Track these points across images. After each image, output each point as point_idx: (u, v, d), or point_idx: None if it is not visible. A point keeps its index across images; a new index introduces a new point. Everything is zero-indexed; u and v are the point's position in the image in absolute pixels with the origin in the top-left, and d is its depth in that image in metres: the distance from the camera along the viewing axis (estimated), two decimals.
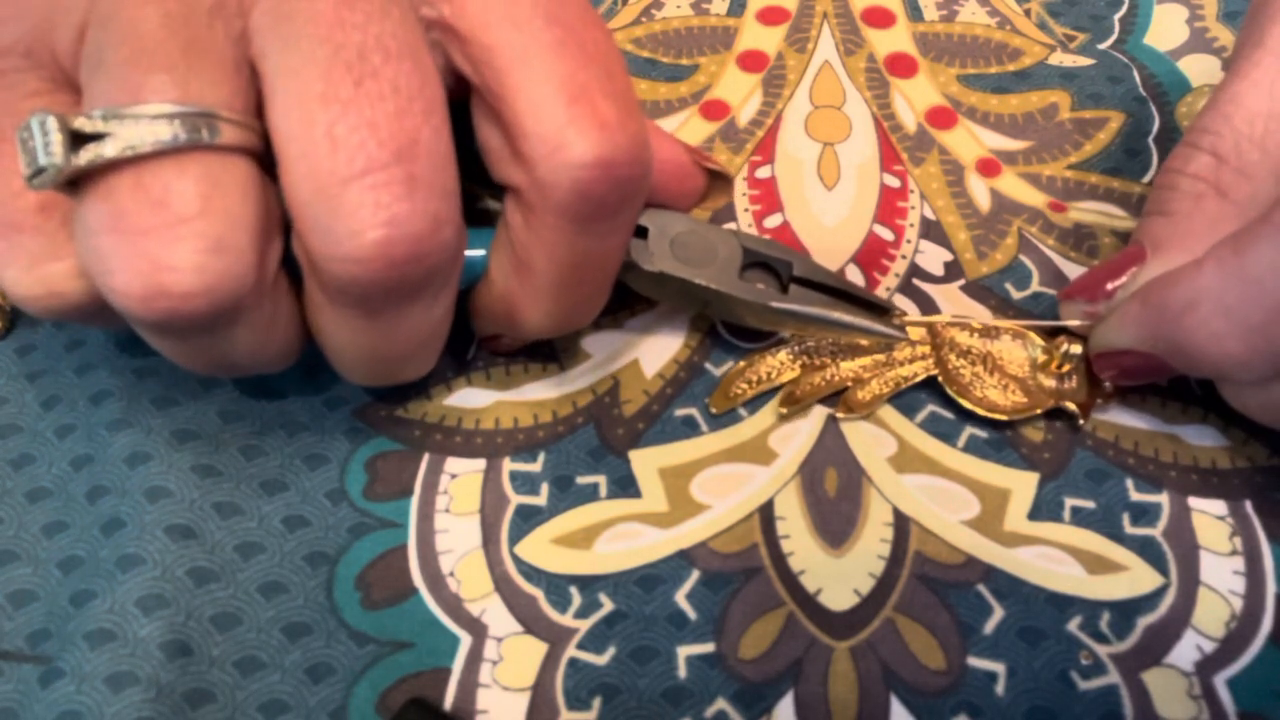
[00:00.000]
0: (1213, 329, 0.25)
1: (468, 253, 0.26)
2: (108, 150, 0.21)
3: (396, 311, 0.24)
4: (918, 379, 0.30)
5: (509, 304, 0.27)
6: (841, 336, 0.30)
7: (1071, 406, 0.29)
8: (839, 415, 0.29)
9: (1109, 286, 0.28)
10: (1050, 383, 0.29)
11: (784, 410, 0.29)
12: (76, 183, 0.21)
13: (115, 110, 0.21)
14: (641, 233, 0.29)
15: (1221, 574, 0.27)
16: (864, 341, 0.30)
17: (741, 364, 0.30)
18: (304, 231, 0.22)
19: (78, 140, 0.21)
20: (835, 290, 0.29)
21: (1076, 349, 0.29)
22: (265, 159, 0.23)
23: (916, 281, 0.32)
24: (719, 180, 0.30)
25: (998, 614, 0.26)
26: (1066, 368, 0.29)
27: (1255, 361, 0.25)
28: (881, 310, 0.30)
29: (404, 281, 0.23)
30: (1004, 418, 0.29)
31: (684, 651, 0.26)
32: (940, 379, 0.30)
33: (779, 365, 0.30)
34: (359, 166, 0.21)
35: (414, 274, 0.23)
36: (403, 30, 0.22)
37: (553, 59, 0.23)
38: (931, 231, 0.33)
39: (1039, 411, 0.29)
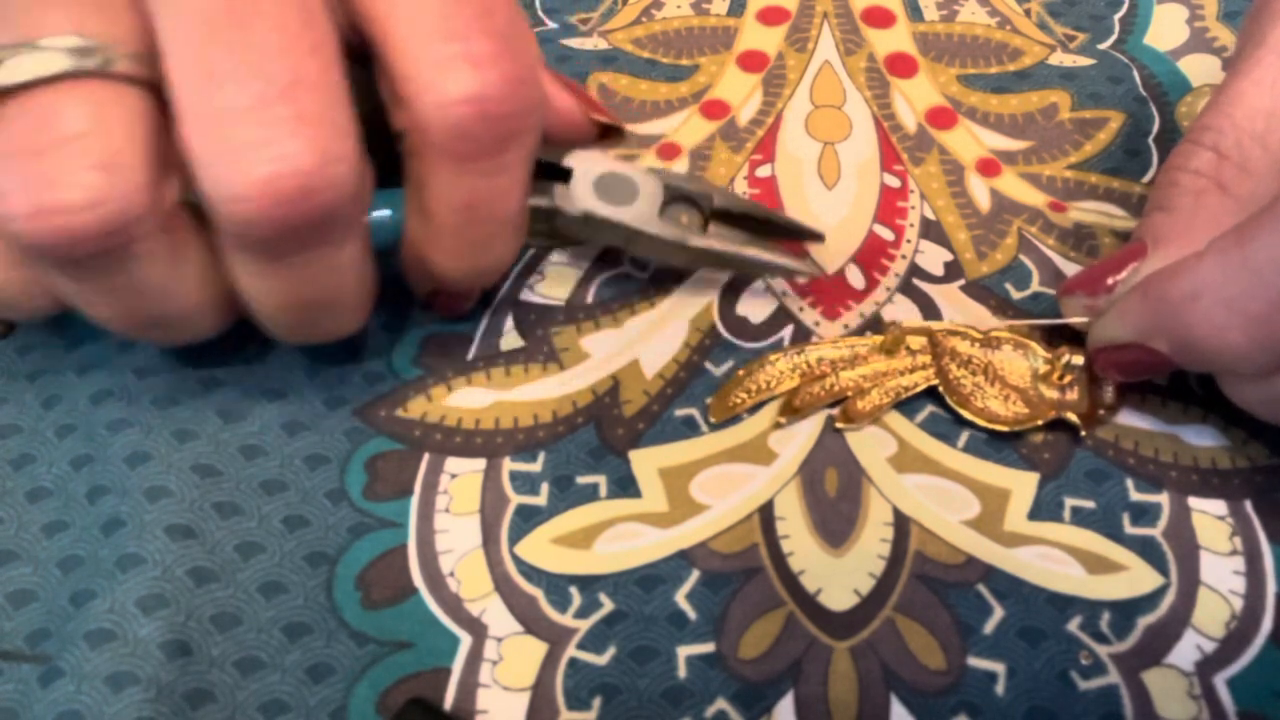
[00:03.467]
0: (1214, 320, 0.24)
1: (386, 211, 0.27)
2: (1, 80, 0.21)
3: (300, 256, 0.24)
4: (918, 389, 0.30)
5: (419, 252, 0.27)
6: (764, 274, 0.32)
7: (1073, 418, 0.29)
8: (839, 425, 0.29)
9: (1109, 281, 0.28)
10: (1052, 394, 0.29)
11: (782, 420, 0.29)
12: None
13: (8, 45, 0.22)
14: (566, 175, 0.29)
15: (1221, 574, 0.27)
16: (861, 349, 0.30)
17: (740, 372, 0.30)
18: (197, 175, 0.22)
19: None
20: (760, 221, 0.30)
21: (1078, 359, 0.29)
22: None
23: (916, 281, 0.32)
24: (612, 132, 0.31)
25: (998, 614, 0.26)
26: (1068, 378, 0.29)
27: (1256, 353, 0.24)
28: (812, 235, 0.31)
29: (298, 221, 0.23)
30: (1005, 429, 0.29)
31: (684, 651, 0.26)
32: (941, 389, 0.29)
33: (778, 375, 0.30)
34: (243, 103, 0.21)
35: (307, 212, 0.22)
36: None
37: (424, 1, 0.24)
38: (931, 231, 0.33)
39: (1040, 423, 0.29)
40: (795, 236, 0.31)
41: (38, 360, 0.31)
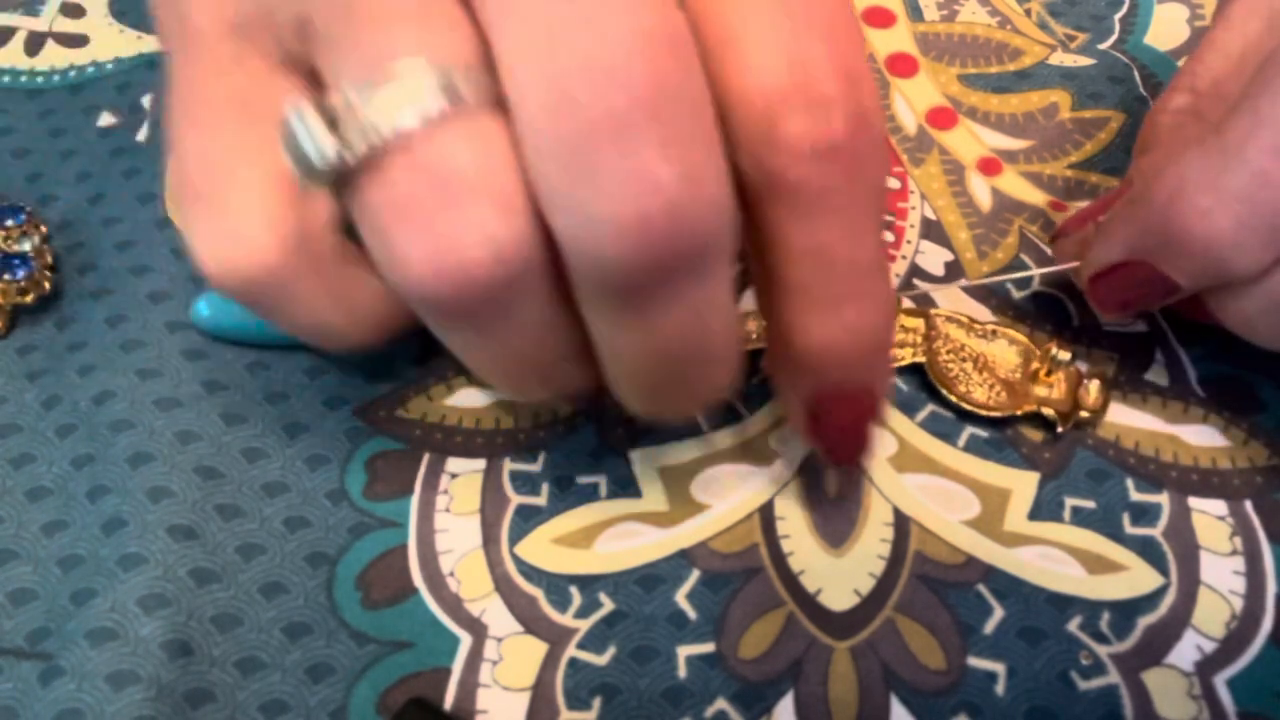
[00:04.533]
0: (1198, 206, 0.24)
1: None
2: (382, 130, 0.19)
3: (666, 300, 0.20)
4: (903, 362, 0.30)
5: (788, 321, 0.23)
6: None
7: (1049, 412, 0.29)
8: None
9: (1099, 220, 0.28)
10: (1039, 390, 0.29)
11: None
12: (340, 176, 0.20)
13: (370, 83, 0.19)
14: None
15: (1222, 574, 0.27)
16: None
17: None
18: (548, 211, 0.19)
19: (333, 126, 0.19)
20: None
21: (1065, 355, 0.29)
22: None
23: (917, 281, 0.32)
24: None
25: (998, 614, 0.26)
26: (1056, 375, 0.29)
27: (1244, 237, 0.24)
28: None
29: (669, 259, 0.19)
30: (982, 413, 0.29)
31: (684, 651, 0.26)
32: (926, 369, 0.30)
33: (760, 327, 0.29)
34: (600, 121, 0.18)
35: (678, 247, 0.19)
36: None
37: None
38: (932, 231, 0.33)
39: (1018, 412, 0.29)
40: None
41: (38, 360, 0.31)
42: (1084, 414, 0.29)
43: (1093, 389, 0.29)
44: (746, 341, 0.29)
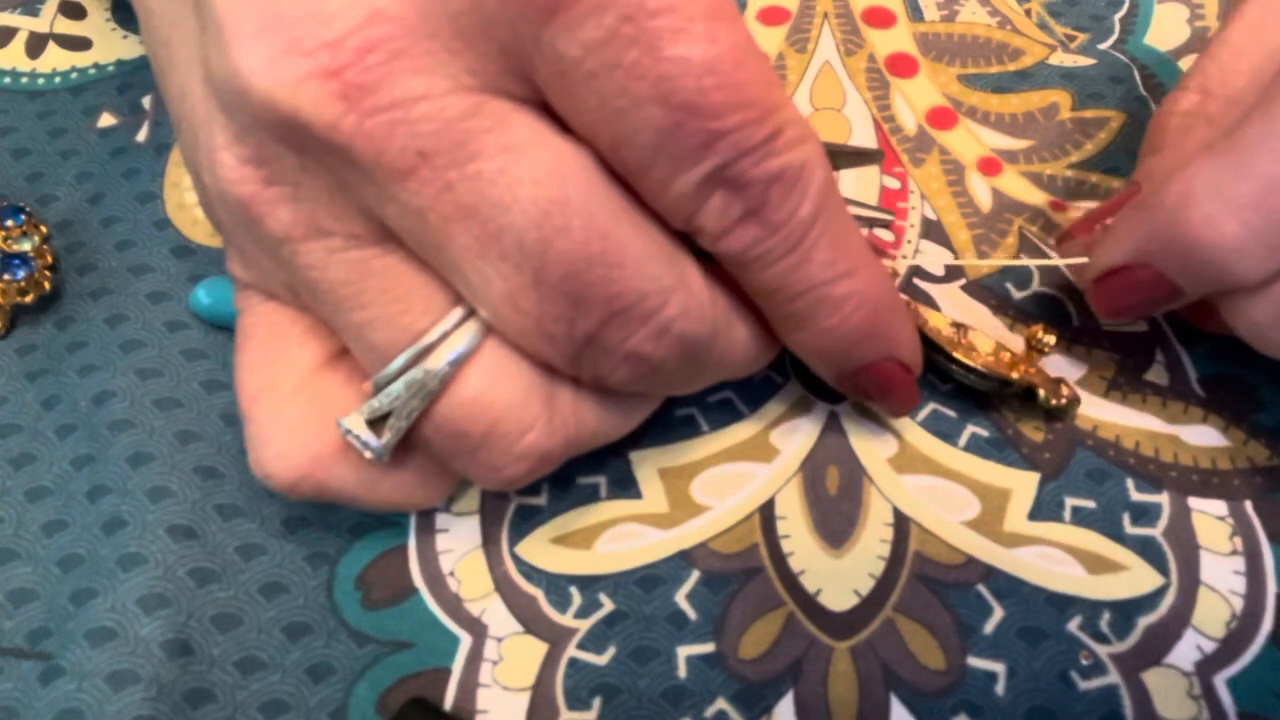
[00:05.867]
0: (1206, 212, 0.24)
1: None
2: (416, 402, 0.23)
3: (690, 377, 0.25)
4: None
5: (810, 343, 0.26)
6: None
7: (1041, 392, 0.29)
8: None
9: (1107, 223, 0.28)
10: (1017, 375, 0.29)
11: None
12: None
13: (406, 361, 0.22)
14: None
15: (1222, 574, 0.27)
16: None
17: None
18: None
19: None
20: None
21: (1050, 338, 0.29)
22: None
23: (917, 281, 0.32)
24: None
25: (998, 614, 0.26)
26: (1034, 357, 0.29)
27: (1252, 243, 0.24)
28: (869, 157, 0.30)
29: (688, 361, 0.24)
30: (981, 368, 0.29)
31: (684, 651, 0.26)
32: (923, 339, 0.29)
33: None
34: (584, 341, 0.22)
35: (687, 357, 0.24)
36: None
37: None
38: (932, 231, 0.33)
39: (1014, 375, 0.29)
40: (850, 164, 0.30)
41: (38, 360, 0.31)
42: (1064, 391, 0.29)
43: (1064, 390, 0.29)
44: None
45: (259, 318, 0.25)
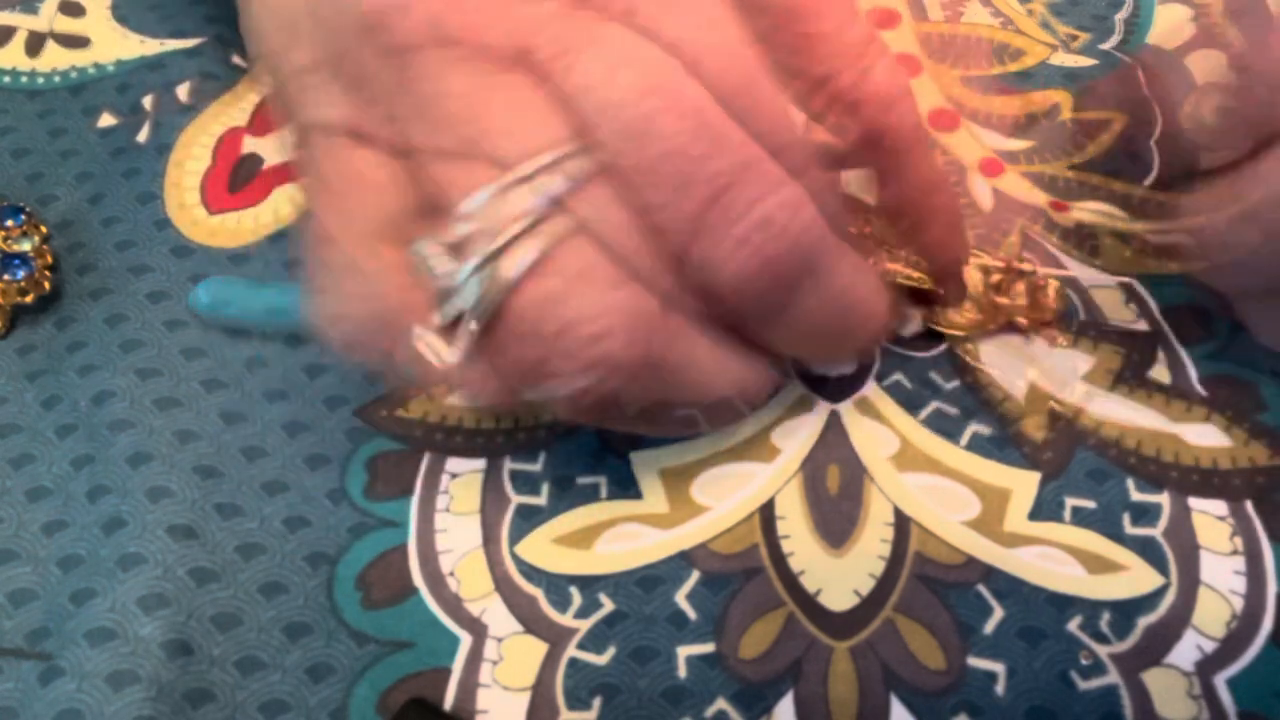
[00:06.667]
0: None
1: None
2: (520, 260, 0.21)
3: (797, 299, 0.23)
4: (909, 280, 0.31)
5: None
6: None
7: (1022, 321, 0.30)
8: None
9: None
10: (1002, 300, 0.30)
11: None
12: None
13: (482, 198, 0.21)
14: None
15: (1222, 574, 0.27)
16: None
17: None
18: (679, 257, 0.22)
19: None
20: None
21: (1028, 266, 0.30)
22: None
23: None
24: None
25: (998, 614, 0.26)
26: (1018, 286, 0.31)
27: None
28: None
29: (787, 277, 0.23)
30: (963, 334, 0.30)
31: (684, 651, 0.26)
32: (898, 295, 0.30)
33: None
34: (703, 199, 0.21)
35: (793, 265, 0.22)
36: None
37: None
38: None
39: (992, 328, 0.30)
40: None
41: (38, 360, 0.31)
42: (1049, 319, 0.31)
43: (1051, 291, 0.31)
44: None
45: (343, 164, 0.24)
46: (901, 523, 0.28)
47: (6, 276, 0.31)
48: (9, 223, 0.32)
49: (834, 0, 0.24)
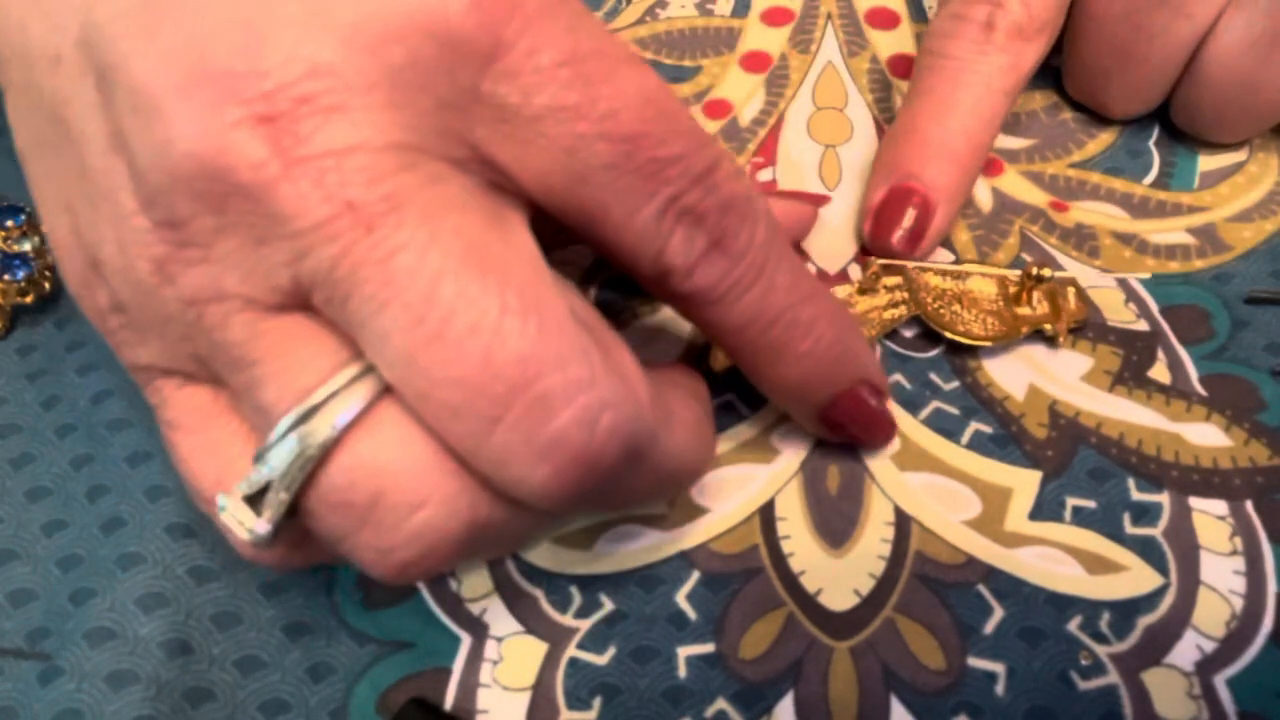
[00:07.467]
0: None
1: None
2: (335, 423, 0.20)
3: (614, 491, 0.22)
4: (903, 319, 0.31)
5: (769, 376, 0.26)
6: None
7: (1049, 329, 0.30)
8: None
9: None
10: (1023, 310, 0.31)
11: None
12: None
13: (299, 413, 0.20)
14: None
15: (1222, 574, 0.27)
16: (841, 295, 0.32)
17: None
18: (475, 468, 0.20)
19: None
20: None
21: (1046, 271, 0.30)
22: None
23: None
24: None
25: (998, 614, 0.26)
26: (1036, 295, 0.31)
27: None
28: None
29: (599, 482, 0.21)
30: (988, 344, 0.30)
31: (684, 651, 0.26)
32: (923, 317, 0.31)
33: None
34: (490, 417, 0.19)
35: (606, 471, 0.20)
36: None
37: None
38: None
39: (1019, 336, 0.30)
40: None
41: (38, 360, 0.31)
42: (1074, 323, 0.31)
43: (1070, 295, 0.31)
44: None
45: (180, 405, 0.23)
46: (902, 522, 0.28)
47: (6, 276, 0.31)
48: (9, 223, 0.32)
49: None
